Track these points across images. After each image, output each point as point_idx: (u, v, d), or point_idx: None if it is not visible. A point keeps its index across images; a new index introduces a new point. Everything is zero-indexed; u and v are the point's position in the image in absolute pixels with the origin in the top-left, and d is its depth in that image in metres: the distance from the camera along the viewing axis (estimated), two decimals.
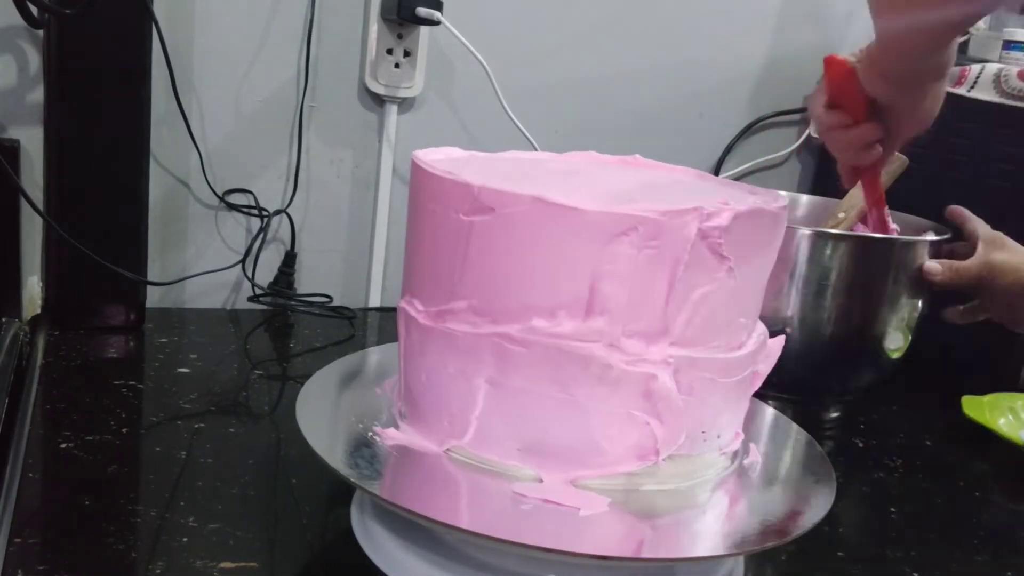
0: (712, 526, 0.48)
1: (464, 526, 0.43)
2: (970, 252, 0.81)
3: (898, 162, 0.88)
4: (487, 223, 0.45)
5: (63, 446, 0.61)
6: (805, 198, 0.98)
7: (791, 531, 0.46)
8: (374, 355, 0.64)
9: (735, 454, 0.53)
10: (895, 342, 0.80)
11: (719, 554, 0.48)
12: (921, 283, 0.79)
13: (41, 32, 0.80)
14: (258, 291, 0.96)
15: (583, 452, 0.46)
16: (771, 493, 0.51)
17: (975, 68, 0.93)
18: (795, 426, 0.60)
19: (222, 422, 0.69)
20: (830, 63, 0.72)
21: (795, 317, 0.78)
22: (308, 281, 1.00)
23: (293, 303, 0.97)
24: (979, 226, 0.83)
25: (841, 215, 0.89)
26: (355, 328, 0.95)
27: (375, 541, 0.50)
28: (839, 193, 0.92)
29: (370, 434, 0.50)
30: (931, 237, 0.80)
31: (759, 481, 0.51)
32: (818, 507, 0.48)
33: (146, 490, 0.58)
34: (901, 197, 0.88)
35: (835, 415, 0.84)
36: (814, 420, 0.80)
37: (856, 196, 0.89)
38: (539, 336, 0.45)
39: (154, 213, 0.87)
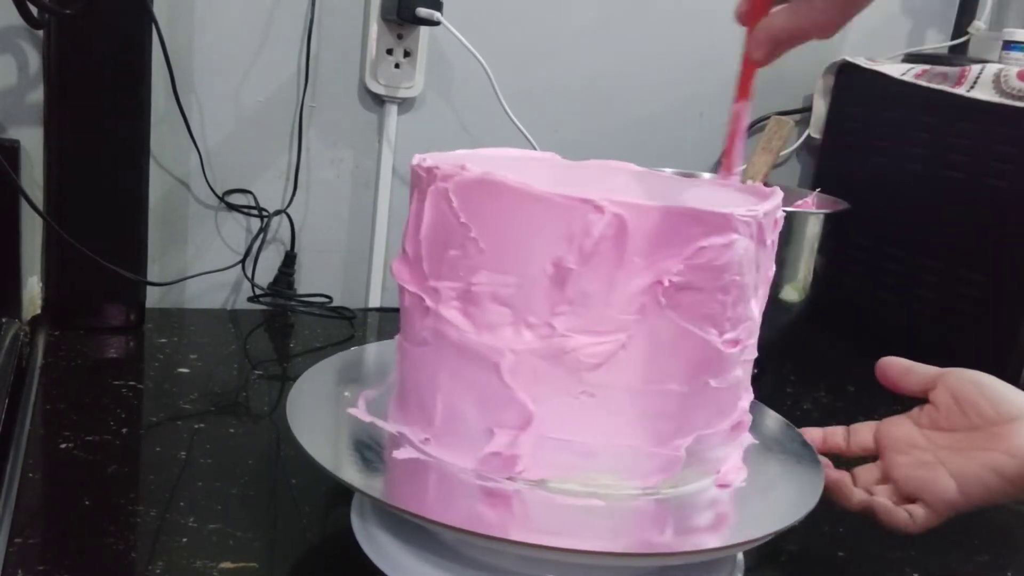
0: (711, 522, 0.48)
1: (461, 525, 0.43)
2: None
3: (787, 127, 0.88)
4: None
5: (63, 446, 0.61)
6: None
7: (784, 522, 0.46)
8: (371, 351, 0.64)
9: None
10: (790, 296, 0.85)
11: (716, 547, 0.48)
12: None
13: (41, 32, 0.80)
14: (258, 291, 0.96)
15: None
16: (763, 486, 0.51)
17: (975, 68, 0.93)
18: (772, 412, 0.61)
19: (222, 422, 0.69)
20: None
21: None
22: (308, 281, 1.00)
23: (293, 303, 0.97)
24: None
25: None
26: (355, 328, 0.95)
27: (375, 541, 0.50)
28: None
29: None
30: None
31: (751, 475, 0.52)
32: (807, 496, 0.49)
33: (146, 490, 0.58)
34: (901, 197, 0.88)
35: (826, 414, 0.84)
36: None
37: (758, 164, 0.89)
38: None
39: (154, 213, 0.87)
